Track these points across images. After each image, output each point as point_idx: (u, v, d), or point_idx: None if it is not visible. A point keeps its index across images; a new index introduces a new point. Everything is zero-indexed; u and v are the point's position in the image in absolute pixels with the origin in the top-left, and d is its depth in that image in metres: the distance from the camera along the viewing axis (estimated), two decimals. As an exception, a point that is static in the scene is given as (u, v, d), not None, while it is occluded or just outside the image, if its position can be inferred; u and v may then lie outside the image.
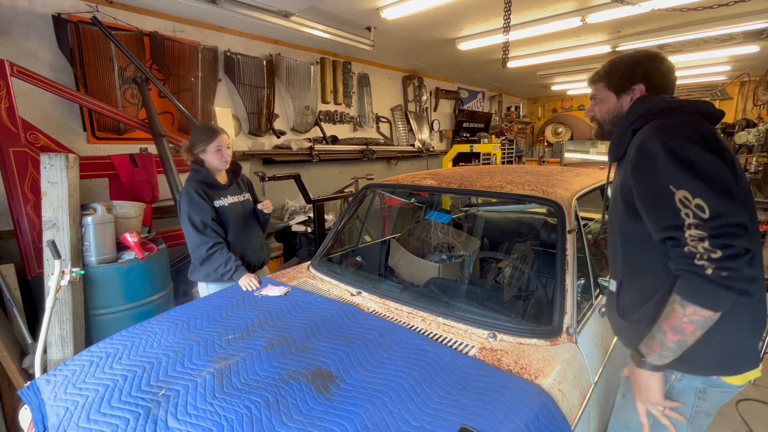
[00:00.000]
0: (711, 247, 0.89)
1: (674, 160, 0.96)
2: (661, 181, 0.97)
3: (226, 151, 2.10)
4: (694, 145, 0.97)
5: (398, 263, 2.33)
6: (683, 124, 1.04)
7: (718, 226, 0.89)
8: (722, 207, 0.89)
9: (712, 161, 0.95)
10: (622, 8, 3.54)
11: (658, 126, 1.06)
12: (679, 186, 0.93)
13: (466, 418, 1.02)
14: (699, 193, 0.91)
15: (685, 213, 0.92)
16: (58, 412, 1.18)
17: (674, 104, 1.11)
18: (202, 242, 2.02)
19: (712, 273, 0.89)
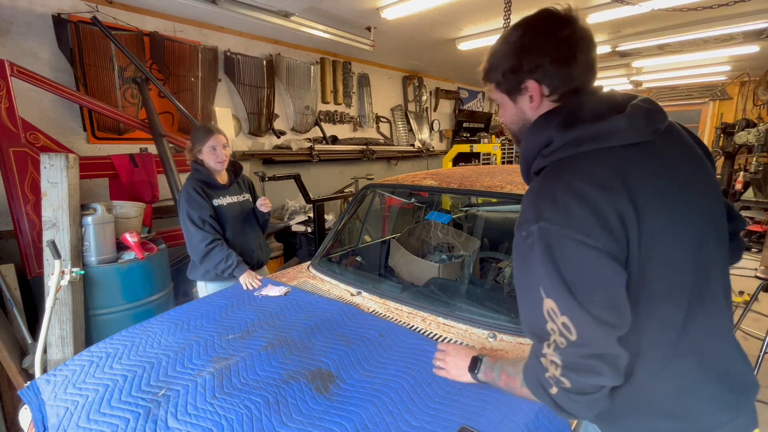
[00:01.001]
0: (563, 377, 0.74)
1: (548, 258, 0.72)
2: (532, 279, 0.75)
3: (221, 151, 2.09)
4: (576, 235, 0.70)
5: (398, 263, 2.33)
6: (575, 191, 0.72)
7: (579, 355, 0.72)
8: (591, 335, 0.70)
9: (596, 264, 0.70)
10: (622, 8, 3.54)
11: (544, 191, 0.77)
12: (548, 294, 0.72)
13: (466, 418, 1.02)
14: (567, 310, 0.70)
15: (551, 327, 0.73)
16: (58, 412, 1.18)
17: (580, 136, 0.76)
18: (202, 238, 2.02)
19: (555, 394, 0.76)
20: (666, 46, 5.04)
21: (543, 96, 0.84)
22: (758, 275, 3.02)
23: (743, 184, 6.43)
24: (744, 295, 4.02)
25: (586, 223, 0.70)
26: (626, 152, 0.76)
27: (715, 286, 0.80)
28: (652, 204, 0.73)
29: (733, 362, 0.83)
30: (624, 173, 0.73)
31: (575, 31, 0.79)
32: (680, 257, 0.76)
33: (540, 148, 0.81)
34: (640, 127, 0.76)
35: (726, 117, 7.67)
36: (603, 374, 0.71)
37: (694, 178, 0.82)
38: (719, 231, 0.83)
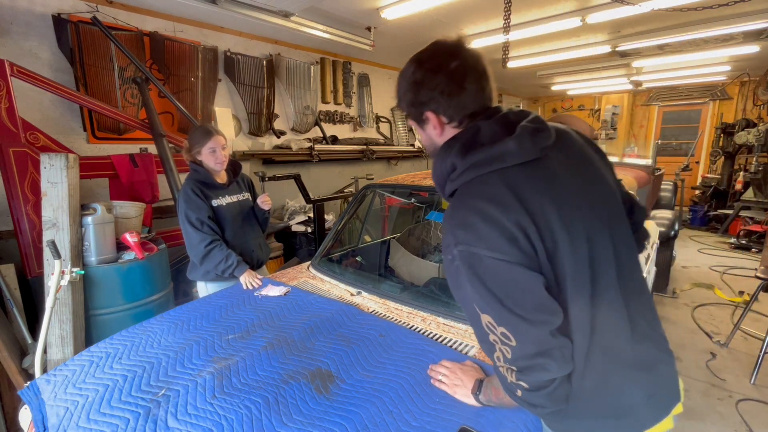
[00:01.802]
0: (519, 381, 0.82)
1: (473, 277, 0.80)
2: (467, 300, 0.83)
3: (220, 152, 2.09)
4: (489, 252, 0.78)
5: (398, 263, 2.33)
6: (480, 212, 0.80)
7: (524, 357, 0.79)
8: (528, 336, 0.78)
9: (512, 274, 0.78)
10: (622, 8, 3.54)
11: (455, 215, 0.84)
12: (483, 310, 0.80)
13: (466, 418, 1.03)
14: (502, 320, 0.78)
15: (494, 339, 0.82)
16: (58, 412, 1.18)
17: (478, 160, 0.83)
18: (201, 239, 2.02)
19: (521, 396, 0.84)
20: (666, 46, 5.03)
21: (443, 124, 0.91)
22: (758, 275, 3.02)
23: (743, 184, 6.43)
24: (744, 295, 4.02)
25: (495, 240, 0.78)
26: (519, 171, 0.83)
27: (613, 281, 0.87)
28: (547, 215, 0.81)
29: (647, 345, 0.91)
30: (519, 190, 0.81)
31: (462, 62, 0.86)
32: (578, 262, 0.82)
33: (447, 173, 0.88)
34: (528, 147, 0.83)
35: (726, 117, 7.66)
36: (550, 369, 0.79)
37: (586, 184, 0.90)
38: (616, 227, 0.91)
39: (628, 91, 8.64)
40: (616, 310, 0.87)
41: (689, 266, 5.11)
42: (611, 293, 0.86)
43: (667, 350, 0.96)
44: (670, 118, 8.71)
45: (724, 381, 2.71)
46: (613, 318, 0.87)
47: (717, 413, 2.39)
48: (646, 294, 0.95)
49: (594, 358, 0.85)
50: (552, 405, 0.84)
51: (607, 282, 0.86)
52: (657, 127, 8.84)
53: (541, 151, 0.85)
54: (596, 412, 0.89)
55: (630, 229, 0.96)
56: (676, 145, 8.64)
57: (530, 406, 0.86)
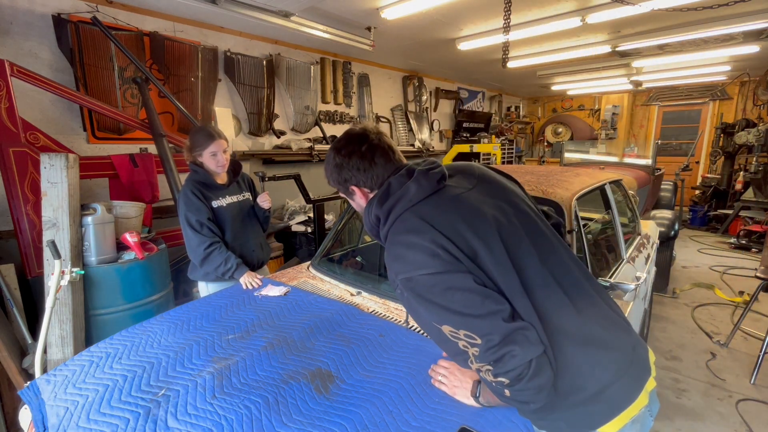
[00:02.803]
0: (498, 378, 0.87)
1: (419, 299, 0.91)
2: (425, 319, 0.93)
3: (221, 156, 2.07)
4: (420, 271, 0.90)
5: (398, 263, 2.32)
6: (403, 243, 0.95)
7: (493, 350, 0.84)
8: (486, 327, 0.85)
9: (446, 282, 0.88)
10: (622, 8, 3.54)
11: (390, 253, 0.99)
12: (440, 322, 0.89)
13: (466, 418, 1.03)
14: (459, 323, 0.87)
15: (463, 345, 0.88)
16: (58, 412, 1.18)
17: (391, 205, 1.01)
18: (200, 242, 2.02)
19: (510, 395, 0.88)
20: (666, 46, 5.04)
21: (367, 194, 1.09)
22: (758, 275, 3.02)
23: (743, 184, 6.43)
24: (744, 295, 4.02)
25: (420, 260, 0.91)
26: (425, 203, 1.00)
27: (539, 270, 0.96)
28: (458, 229, 0.94)
29: (601, 326, 0.99)
30: (428, 217, 0.96)
31: (369, 145, 1.05)
32: (498, 261, 0.93)
33: (375, 225, 1.06)
34: (425, 184, 1.01)
35: (726, 117, 7.66)
36: (516, 354, 0.84)
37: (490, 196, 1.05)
38: (528, 223, 1.04)
39: (628, 91, 8.64)
40: (553, 292, 0.96)
41: (689, 266, 5.11)
42: (540, 278, 0.96)
43: (623, 327, 1.03)
44: (670, 118, 8.71)
45: (724, 381, 2.71)
46: (552, 300, 0.95)
47: (717, 413, 2.39)
48: (582, 273, 1.05)
49: (556, 344, 0.91)
50: (539, 397, 0.88)
51: (534, 269, 0.96)
52: (657, 127, 8.84)
53: (438, 183, 1.03)
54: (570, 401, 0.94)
55: (545, 222, 1.10)
56: (676, 145, 8.64)
57: (521, 404, 0.91)
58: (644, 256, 2.54)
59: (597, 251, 2.16)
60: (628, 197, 2.87)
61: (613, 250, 2.23)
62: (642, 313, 2.55)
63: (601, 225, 2.47)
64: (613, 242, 2.26)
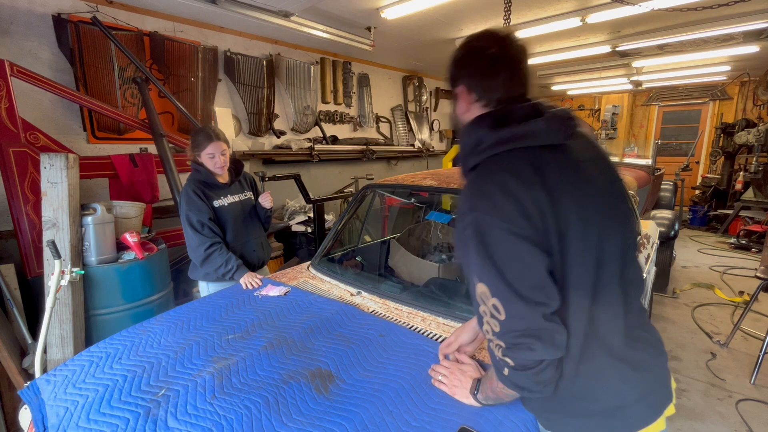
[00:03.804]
0: (505, 357, 0.83)
1: (480, 246, 0.81)
2: (470, 269, 0.85)
3: (220, 158, 2.07)
4: (502, 222, 0.79)
5: (398, 263, 2.33)
6: (500, 184, 0.82)
7: (513, 335, 0.80)
8: (518, 312, 0.78)
9: (519, 248, 0.79)
10: (622, 8, 3.54)
11: (475, 185, 0.88)
12: (481, 278, 0.82)
13: (466, 418, 1.02)
14: (497, 292, 0.79)
15: (483, 310, 0.83)
16: (58, 412, 1.18)
17: (506, 136, 0.86)
18: (200, 242, 2.03)
19: (508, 374, 0.85)
20: (666, 46, 5.03)
21: (471, 102, 0.95)
22: (758, 275, 3.02)
23: (743, 184, 6.43)
24: (744, 295, 4.02)
25: (510, 212, 0.80)
26: (545, 152, 0.86)
27: (613, 276, 0.89)
28: (564, 198, 0.83)
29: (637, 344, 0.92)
30: (542, 170, 0.83)
31: (500, 51, 0.92)
32: (584, 248, 0.84)
33: (472, 147, 0.91)
34: (556, 130, 0.87)
35: (726, 117, 7.66)
36: (536, 349, 0.79)
37: (603, 180, 0.93)
38: (625, 225, 0.94)
39: (628, 91, 8.64)
40: (614, 306, 0.88)
41: (689, 266, 5.11)
42: (613, 288, 0.88)
43: (661, 351, 0.97)
44: (670, 118, 8.71)
45: (724, 381, 2.71)
46: (611, 313, 0.88)
47: (717, 413, 2.39)
48: (641, 294, 0.97)
49: (590, 351, 0.86)
50: (537, 388, 0.84)
51: (611, 276, 0.87)
52: (657, 127, 8.83)
53: (565, 138, 0.88)
54: (587, 409, 0.90)
55: (635, 231, 0.99)
56: (676, 145, 8.64)
57: (516, 388, 0.87)
58: (644, 256, 2.54)
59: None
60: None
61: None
62: (642, 313, 2.55)
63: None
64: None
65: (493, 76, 0.91)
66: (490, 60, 0.91)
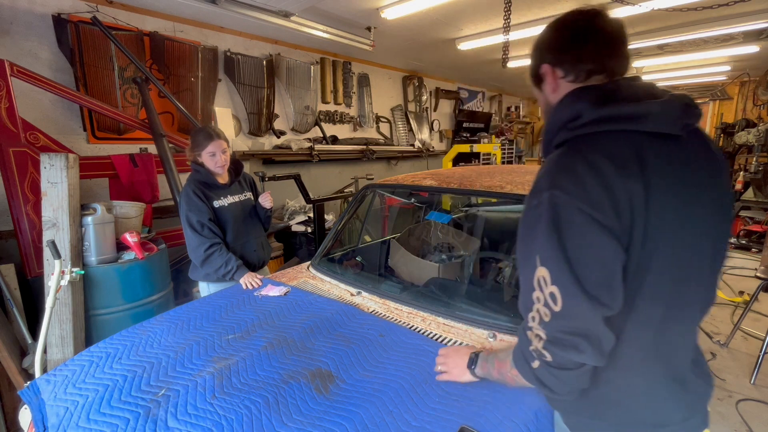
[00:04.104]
0: (544, 350, 0.76)
1: (552, 226, 0.72)
2: (533, 248, 0.76)
3: (220, 156, 2.08)
4: (586, 207, 0.70)
5: (398, 263, 2.33)
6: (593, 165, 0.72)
7: (563, 330, 0.73)
8: (577, 308, 0.71)
9: (598, 239, 0.71)
10: (622, 8, 3.54)
11: (562, 162, 0.77)
12: (543, 262, 0.73)
13: (466, 418, 1.02)
14: (559, 280, 0.71)
15: (537, 296, 0.75)
16: (58, 412, 1.18)
17: (611, 114, 0.76)
18: (200, 243, 2.03)
19: (537, 368, 0.79)
20: (666, 46, 5.04)
21: (558, 78, 0.86)
22: (758, 275, 3.02)
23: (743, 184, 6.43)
24: (744, 295, 4.02)
25: (598, 197, 0.70)
26: (652, 140, 0.75)
27: (695, 294, 0.81)
28: (663, 198, 0.73)
29: (694, 366, 0.87)
30: (645, 160, 0.73)
31: (589, 22, 0.82)
32: (672, 258, 0.75)
33: (565, 121, 0.81)
34: (672, 118, 0.75)
35: (726, 117, 7.67)
36: (584, 352, 0.72)
37: (708, 187, 0.80)
38: (717, 244, 0.82)
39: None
40: (687, 325, 0.82)
41: (689, 266, 5.10)
42: (692, 307, 0.81)
43: (709, 375, 0.91)
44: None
45: (724, 381, 2.70)
46: (682, 331, 0.82)
47: (717, 413, 2.39)
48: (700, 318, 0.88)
49: (647, 365, 0.80)
50: (563, 391, 0.78)
51: (693, 295, 0.80)
52: (657, 127, 8.83)
53: (682, 128, 0.76)
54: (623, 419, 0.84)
55: (726, 252, 0.87)
56: (676, 145, 8.64)
57: (539, 384, 0.80)
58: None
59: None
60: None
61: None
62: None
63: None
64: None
65: (580, 46, 0.82)
66: (574, 30, 0.83)
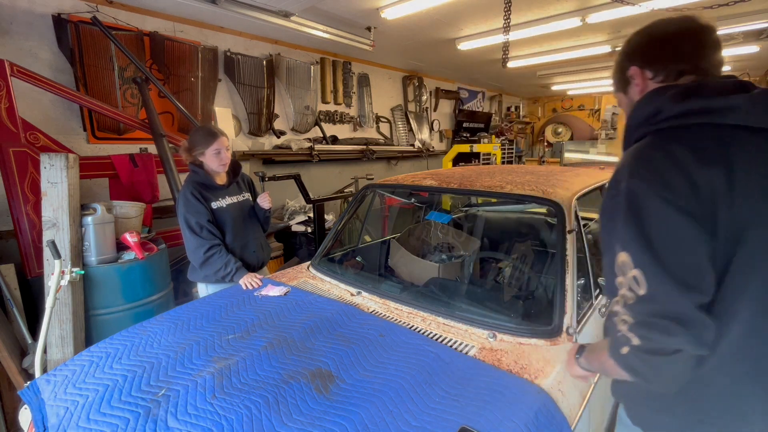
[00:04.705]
0: (630, 333, 0.75)
1: (631, 213, 0.74)
2: (614, 236, 0.78)
3: (225, 153, 2.09)
4: (665, 193, 0.72)
5: (398, 263, 2.33)
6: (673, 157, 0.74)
7: (649, 313, 0.72)
8: (661, 289, 0.71)
9: (676, 222, 0.71)
10: (622, 8, 3.54)
11: (642, 153, 0.80)
12: (624, 247, 0.75)
13: (466, 418, 1.02)
14: (641, 263, 0.72)
15: (620, 281, 0.76)
16: (58, 412, 1.18)
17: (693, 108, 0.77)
18: (199, 245, 2.02)
19: (626, 353, 0.77)
20: (666, 46, 5.03)
21: (647, 79, 0.89)
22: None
23: None
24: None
25: (675, 183, 0.72)
26: (737, 134, 0.74)
27: None
28: (751, 190, 0.72)
29: None
30: (729, 151, 0.73)
31: (679, 26, 0.86)
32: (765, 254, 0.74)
33: (646, 117, 0.83)
34: (759, 111, 0.74)
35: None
36: (675, 335, 0.70)
37: None
38: None
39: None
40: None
41: (689, 266, 5.09)
42: None
43: None
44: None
45: None
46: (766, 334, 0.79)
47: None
48: None
49: (737, 361, 0.79)
50: (656, 380, 0.75)
51: None
52: (657, 127, 8.83)
53: None
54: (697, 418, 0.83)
55: None
56: (676, 145, 8.64)
57: (632, 372, 0.78)
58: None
59: (597, 251, 2.16)
60: None
61: (613, 250, 2.22)
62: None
63: (601, 225, 2.46)
64: (613, 242, 2.25)
65: (668, 46, 0.85)
66: (663, 34, 0.87)
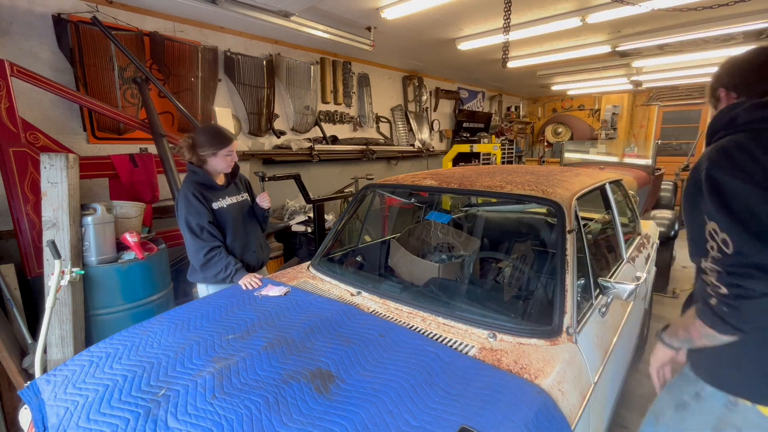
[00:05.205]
0: (718, 283, 0.92)
1: (712, 190, 0.95)
2: (698, 211, 0.98)
3: (235, 156, 2.12)
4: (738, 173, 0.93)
5: (398, 263, 2.33)
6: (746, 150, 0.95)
7: (736, 264, 0.89)
8: (746, 246, 0.88)
9: (750, 195, 0.91)
10: (622, 8, 3.54)
11: (719, 147, 1.00)
12: (711, 218, 0.94)
13: (466, 418, 1.02)
14: (727, 227, 0.91)
15: (711, 245, 0.94)
16: (58, 412, 1.18)
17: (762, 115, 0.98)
18: (200, 247, 2.02)
19: (715, 304, 0.93)
20: (666, 46, 5.04)
21: (732, 99, 1.10)
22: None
23: None
24: (744, 295, 4.02)
25: (745, 164, 0.92)
26: None
27: None
28: None
29: None
30: None
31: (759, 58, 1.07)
32: None
33: (724, 123, 1.04)
34: None
35: (726, 117, 7.66)
36: (757, 278, 0.86)
37: None
38: None
39: (628, 91, 8.64)
40: None
41: (689, 266, 5.10)
42: None
43: None
44: (670, 118, 8.71)
45: None
46: None
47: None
48: None
49: None
50: (746, 324, 0.90)
51: None
52: (657, 127, 8.84)
53: None
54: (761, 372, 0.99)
55: None
56: (676, 145, 8.64)
57: (721, 322, 0.93)
58: (644, 256, 2.54)
59: (597, 251, 2.16)
60: (628, 197, 2.87)
61: (613, 250, 2.23)
62: (642, 313, 2.55)
63: (601, 225, 2.47)
64: (613, 242, 2.26)
65: (753, 77, 1.05)
66: (755, 65, 1.07)
